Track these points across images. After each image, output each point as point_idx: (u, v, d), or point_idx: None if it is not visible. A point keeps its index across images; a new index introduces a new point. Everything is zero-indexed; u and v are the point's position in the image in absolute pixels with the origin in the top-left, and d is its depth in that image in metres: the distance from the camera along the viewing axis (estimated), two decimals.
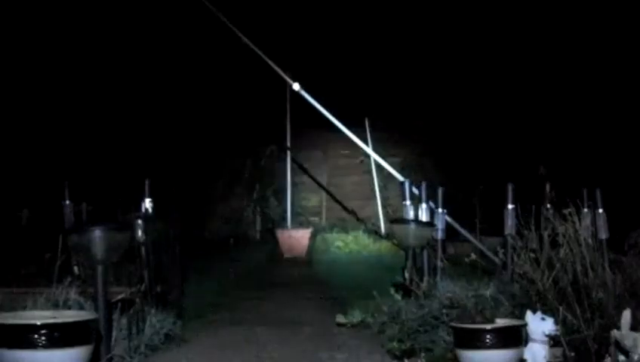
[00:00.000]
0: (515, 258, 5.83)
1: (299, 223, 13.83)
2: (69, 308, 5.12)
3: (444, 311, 5.75)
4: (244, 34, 11.09)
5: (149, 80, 13.54)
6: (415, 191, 7.58)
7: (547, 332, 4.89)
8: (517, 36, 13.54)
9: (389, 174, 11.37)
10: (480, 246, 9.33)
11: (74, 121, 12.97)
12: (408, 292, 6.56)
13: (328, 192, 14.52)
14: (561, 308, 4.95)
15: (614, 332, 4.62)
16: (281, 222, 13.75)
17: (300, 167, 14.36)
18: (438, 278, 6.49)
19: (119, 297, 5.67)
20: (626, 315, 4.62)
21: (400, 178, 10.15)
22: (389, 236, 12.79)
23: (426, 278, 6.52)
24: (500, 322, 4.97)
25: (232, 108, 14.17)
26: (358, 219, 14.05)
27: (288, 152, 13.71)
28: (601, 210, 6.29)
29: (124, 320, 5.46)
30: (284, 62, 11.50)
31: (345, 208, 14.34)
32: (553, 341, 4.92)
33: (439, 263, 6.73)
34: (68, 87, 13.05)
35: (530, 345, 4.93)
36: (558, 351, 4.93)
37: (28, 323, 4.20)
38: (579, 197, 6.15)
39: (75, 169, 11.15)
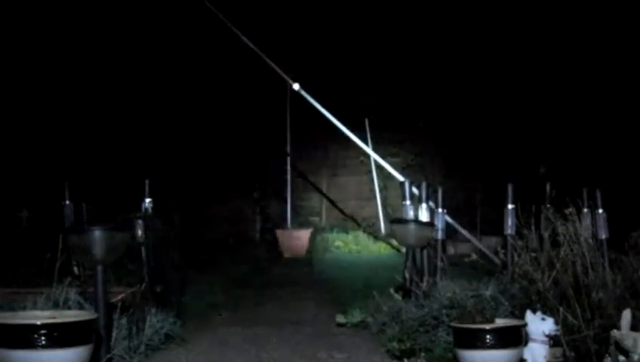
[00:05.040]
0: (515, 258, 5.83)
1: (299, 223, 13.82)
2: (69, 308, 5.12)
3: (444, 311, 5.75)
4: (244, 34, 11.10)
5: (148, 80, 13.54)
6: (415, 191, 7.58)
7: (547, 332, 4.89)
8: (517, 36, 13.54)
9: (389, 174, 11.39)
10: (480, 246, 9.35)
11: (74, 121, 12.97)
12: (408, 293, 6.56)
13: (327, 198, 14.52)
14: (561, 308, 4.95)
15: (614, 332, 4.62)
16: (281, 222, 13.73)
17: (300, 175, 14.34)
18: (438, 278, 6.49)
19: (119, 297, 5.67)
20: (626, 315, 4.62)
21: (400, 178, 10.17)
22: (388, 236, 12.78)
23: (426, 278, 6.52)
24: (500, 322, 4.97)
25: (232, 107, 14.16)
26: (358, 224, 14.03)
27: (288, 147, 13.70)
28: (601, 210, 6.29)
29: (124, 320, 5.45)
30: (285, 62, 11.51)
31: (343, 212, 14.34)
32: (553, 341, 4.92)
33: (439, 263, 6.73)
34: (68, 87, 13.05)
35: (530, 345, 4.93)
36: (558, 351, 4.93)
37: (28, 323, 4.19)
38: (579, 197, 6.15)
39: (75, 169, 11.16)
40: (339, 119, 10.96)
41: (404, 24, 14.13)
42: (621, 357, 4.59)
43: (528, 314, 4.97)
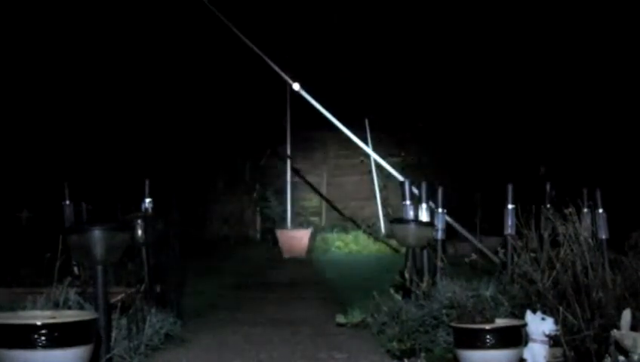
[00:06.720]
0: (515, 258, 5.83)
1: (299, 223, 13.82)
2: (69, 308, 5.11)
3: (444, 311, 5.75)
4: (244, 34, 11.10)
5: (149, 80, 13.54)
6: (415, 191, 7.57)
7: (547, 332, 4.89)
8: (517, 37, 13.53)
9: (389, 174, 11.38)
10: (480, 246, 9.34)
11: (74, 121, 12.97)
12: (408, 293, 6.55)
13: (327, 200, 14.53)
14: (561, 308, 4.94)
15: (614, 332, 4.62)
16: (281, 222, 13.73)
17: (298, 174, 14.33)
18: (438, 278, 6.48)
19: (119, 297, 5.67)
20: (626, 315, 4.62)
21: (400, 178, 10.16)
22: (388, 236, 12.78)
23: (425, 278, 6.51)
24: (500, 322, 4.96)
25: (232, 107, 14.17)
26: (357, 225, 14.03)
27: (288, 149, 13.71)
28: (601, 210, 6.28)
29: (124, 320, 5.45)
30: (284, 62, 11.51)
31: (342, 213, 14.35)
32: (553, 341, 4.92)
33: (439, 263, 6.72)
34: (68, 87, 13.05)
35: (530, 345, 4.92)
36: (558, 351, 4.93)
37: (28, 323, 4.19)
38: (579, 197, 6.15)
39: (75, 169, 11.15)
40: (339, 119, 10.95)
41: (404, 24, 14.13)
42: (621, 357, 4.59)
43: (528, 314, 4.97)
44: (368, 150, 12.26)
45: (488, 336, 4.74)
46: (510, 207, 6.33)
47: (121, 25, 13.26)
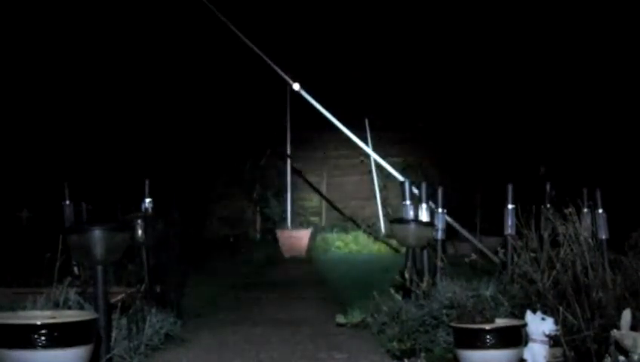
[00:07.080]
0: (515, 258, 5.83)
1: (299, 223, 13.82)
2: (69, 308, 5.12)
3: (444, 311, 5.75)
4: (244, 34, 11.09)
5: (149, 80, 13.54)
6: (415, 191, 7.57)
7: (547, 332, 4.89)
8: (517, 36, 13.54)
9: (389, 174, 11.38)
10: (480, 246, 9.34)
11: (74, 121, 12.97)
12: (408, 293, 6.55)
13: (327, 200, 14.52)
14: (561, 308, 4.94)
15: (614, 332, 4.62)
16: (281, 222, 13.73)
17: (298, 174, 14.33)
18: (438, 278, 6.49)
19: (119, 297, 5.67)
20: (626, 315, 4.62)
21: (400, 178, 10.16)
22: (388, 236, 12.78)
23: (425, 278, 6.51)
24: (500, 322, 4.97)
25: (232, 107, 14.16)
26: (357, 225, 14.03)
27: (288, 149, 13.71)
28: (601, 210, 6.28)
29: (124, 320, 5.46)
30: (284, 62, 11.50)
31: (343, 213, 14.35)
32: (553, 341, 4.92)
33: (439, 263, 6.73)
34: (68, 87, 13.05)
35: (530, 345, 4.93)
36: (558, 351, 4.93)
37: (28, 323, 4.19)
38: (579, 197, 6.15)
39: (75, 169, 11.16)
40: (339, 119, 10.95)
41: (404, 24, 14.13)
42: (621, 357, 4.60)
43: (528, 314, 4.97)
44: (368, 150, 12.26)
45: (488, 336, 4.74)
46: (510, 207, 6.34)
47: (121, 25, 13.26)
